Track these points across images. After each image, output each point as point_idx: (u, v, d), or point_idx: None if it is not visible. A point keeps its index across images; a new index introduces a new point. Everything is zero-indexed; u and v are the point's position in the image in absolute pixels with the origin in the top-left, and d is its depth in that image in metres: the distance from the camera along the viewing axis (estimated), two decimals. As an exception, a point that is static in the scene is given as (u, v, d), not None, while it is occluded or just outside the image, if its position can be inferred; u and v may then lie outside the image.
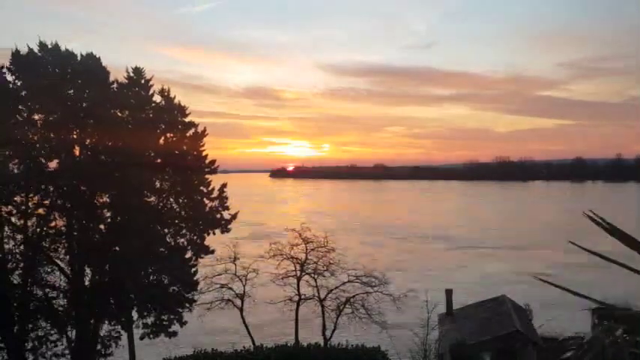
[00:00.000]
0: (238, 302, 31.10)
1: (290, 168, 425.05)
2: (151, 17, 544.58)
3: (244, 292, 31.09)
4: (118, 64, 31.54)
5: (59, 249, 29.17)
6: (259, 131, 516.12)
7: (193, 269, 31.58)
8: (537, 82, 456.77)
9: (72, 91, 29.17)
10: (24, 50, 27.95)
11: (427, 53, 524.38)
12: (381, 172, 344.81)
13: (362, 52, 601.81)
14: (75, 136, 29.47)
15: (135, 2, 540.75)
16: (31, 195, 28.24)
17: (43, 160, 28.41)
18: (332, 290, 31.17)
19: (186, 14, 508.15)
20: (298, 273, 31.60)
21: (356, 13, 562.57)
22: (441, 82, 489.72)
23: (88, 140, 29.72)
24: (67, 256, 29.32)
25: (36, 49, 28.27)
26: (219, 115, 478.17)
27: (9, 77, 27.78)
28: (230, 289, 30.90)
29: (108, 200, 30.46)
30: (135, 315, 30.19)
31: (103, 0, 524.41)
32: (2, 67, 27.51)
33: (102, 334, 29.64)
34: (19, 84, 28.04)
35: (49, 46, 28.52)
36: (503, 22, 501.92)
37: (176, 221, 31.42)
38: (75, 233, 29.30)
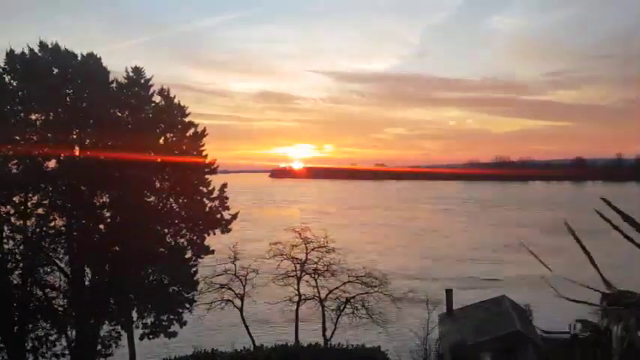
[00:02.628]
0: (238, 302, 31.09)
1: (290, 168, 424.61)
2: (161, 31, 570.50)
3: (244, 292, 31.08)
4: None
5: (59, 249, 29.11)
6: (264, 133, 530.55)
7: (193, 269, 31.53)
8: (529, 89, 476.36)
9: (71, 91, 29.14)
10: (18, 50, 27.93)
11: (421, 62, 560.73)
12: (381, 173, 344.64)
13: (361, 61, 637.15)
14: (74, 136, 29.42)
15: (143, 16, 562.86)
16: (31, 195, 28.20)
17: (42, 160, 28.36)
18: (332, 290, 31.17)
19: (194, 30, 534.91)
20: (298, 273, 31.59)
21: (352, 29, 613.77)
22: (437, 87, 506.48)
23: (88, 140, 29.67)
24: (67, 256, 29.27)
25: (36, 49, 28.24)
26: (229, 118, 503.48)
27: (6, 78, 27.73)
28: (230, 289, 30.89)
29: (108, 200, 30.40)
30: (135, 315, 30.13)
31: (108, 11, 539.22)
32: None
33: (102, 334, 29.57)
34: (15, 84, 28.00)
35: (49, 46, 28.49)
36: (485, 36, 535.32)
37: (176, 221, 31.35)
38: (75, 233, 29.23)
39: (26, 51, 28.11)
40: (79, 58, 29.22)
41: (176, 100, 31.79)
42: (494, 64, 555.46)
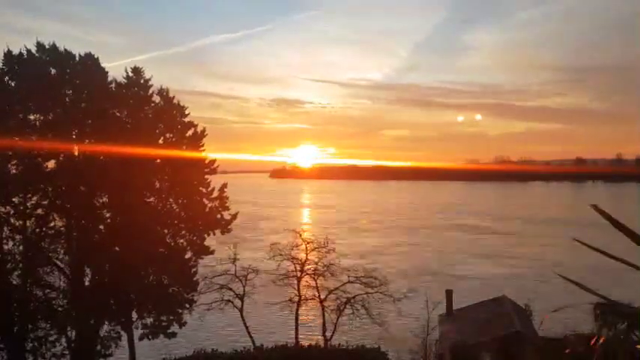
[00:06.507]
0: (238, 303, 31.07)
1: (290, 168, 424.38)
2: (175, 46, 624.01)
3: (244, 292, 31.07)
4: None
5: (58, 249, 29.11)
6: (267, 136, 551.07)
7: (193, 270, 31.49)
8: (522, 95, 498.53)
9: (70, 91, 29.11)
10: (16, 50, 27.91)
11: (414, 73, 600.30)
12: (382, 173, 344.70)
13: (358, 72, 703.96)
14: (73, 137, 29.39)
15: (158, 33, 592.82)
16: (30, 195, 28.18)
17: (42, 161, 28.33)
18: (332, 291, 31.14)
19: (202, 46, 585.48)
20: (298, 273, 31.57)
21: (348, 44, 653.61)
22: (432, 94, 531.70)
23: (87, 140, 29.64)
24: (67, 257, 29.26)
25: (34, 49, 28.20)
26: (235, 121, 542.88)
27: (4, 78, 27.70)
28: (230, 289, 30.87)
29: (107, 200, 30.37)
30: (135, 315, 30.11)
31: (124, 28, 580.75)
32: None
33: (102, 335, 29.56)
34: (13, 84, 27.97)
35: (47, 47, 28.44)
36: (467, 50, 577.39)
37: (176, 221, 31.31)
38: (74, 233, 29.22)
39: (24, 52, 28.07)
40: (77, 58, 29.19)
41: (175, 101, 31.77)
42: (481, 75, 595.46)
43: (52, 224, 28.79)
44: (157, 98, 31.40)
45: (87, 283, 29.61)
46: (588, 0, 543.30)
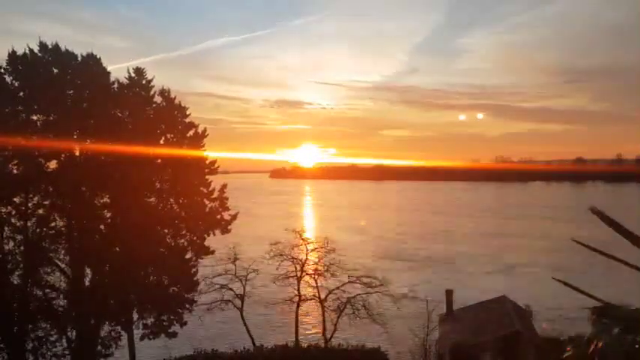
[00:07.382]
0: (238, 303, 31.13)
1: (291, 169, 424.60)
2: (176, 49, 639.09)
3: (244, 292, 31.13)
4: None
5: (59, 249, 29.11)
6: (268, 136, 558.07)
7: (193, 270, 31.53)
8: (521, 97, 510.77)
9: (72, 91, 29.16)
10: (20, 51, 27.97)
11: (415, 75, 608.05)
12: (381, 173, 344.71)
13: (360, 74, 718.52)
14: (75, 137, 29.43)
15: (159, 37, 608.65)
16: (31, 195, 28.21)
17: (43, 161, 28.37)
18: (332, 291, 31.20)
19: (203, 49, 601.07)
20: (299, 273, 31.62)
21: (349, 46, 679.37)
22: (432, 95, 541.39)
23: (88, 140, 29.68)
24: (67, 257, 29.27)
25: (36, 49, 28.25)
26: (237, 122, 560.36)
27: (7, 78, 27.75)
28: (230, 289, 30.93)
29: (108, 201, 30.40)
30: (135, 315, 30.14)
31: (121, 28, 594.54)
32: (0, 69, 27.48)
33: (102, 335, 29.59)
34: (16, 84, 28.03)
35: (49, 47, 28.49)
36: (463, 54, 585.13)
37: (176, 221, 31.34)
38: (75, 234, 29.24)
39: (27, 52, 28.12)
40: (79, 58, 29.23)
41: (177, 102, 31.82)
42: (481, 77, 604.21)
43: (52, 224, 28.81)
44: (158, 99, 31.48)
45: (87, 283, 29.61)
46: (587, 2, 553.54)
